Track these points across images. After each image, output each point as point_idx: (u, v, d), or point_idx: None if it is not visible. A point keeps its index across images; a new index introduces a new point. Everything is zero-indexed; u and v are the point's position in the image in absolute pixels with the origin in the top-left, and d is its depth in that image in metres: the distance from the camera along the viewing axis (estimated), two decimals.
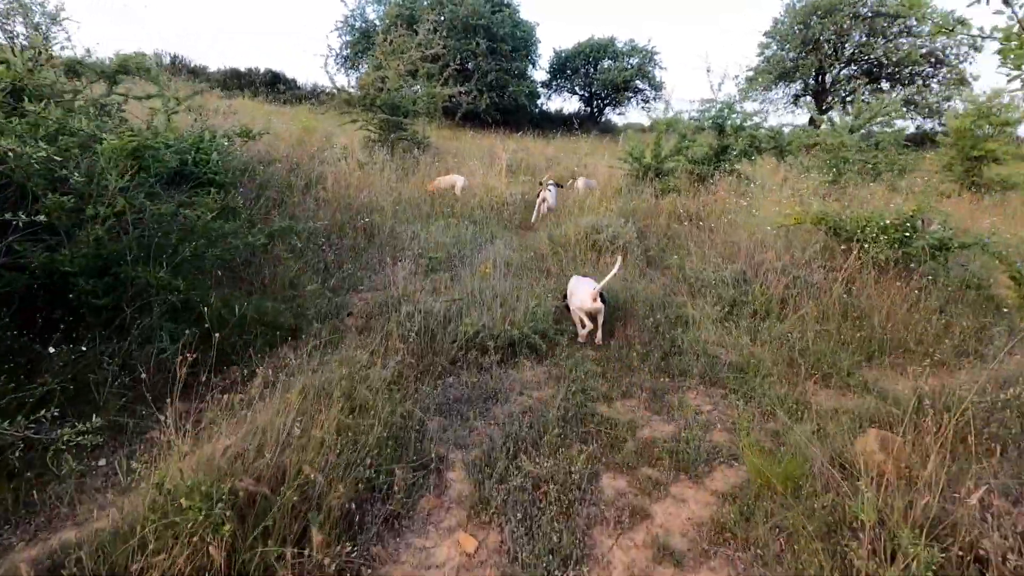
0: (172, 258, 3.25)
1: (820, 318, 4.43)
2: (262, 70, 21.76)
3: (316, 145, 9.58)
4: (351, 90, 10.57)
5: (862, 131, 9.79)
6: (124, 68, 6.21)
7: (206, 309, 3.38)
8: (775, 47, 21.72)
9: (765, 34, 21.91)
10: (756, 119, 9.04)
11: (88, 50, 6.44)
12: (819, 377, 3.74)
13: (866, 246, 4.97)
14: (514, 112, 20.90)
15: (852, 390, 3.64)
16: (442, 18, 17.96)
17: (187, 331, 3.22)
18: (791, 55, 21.01)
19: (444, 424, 3.05)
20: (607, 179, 9.04)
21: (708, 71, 9.33)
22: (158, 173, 4.09)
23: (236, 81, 20.68)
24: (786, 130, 9.70)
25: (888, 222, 4.98)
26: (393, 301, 4.44)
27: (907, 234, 4.94)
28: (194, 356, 2.91)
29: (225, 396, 2.65)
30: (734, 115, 9.24)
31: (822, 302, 4.56)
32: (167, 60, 22.36)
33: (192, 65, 22.59)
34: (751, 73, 22.62)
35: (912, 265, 4.92)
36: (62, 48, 6.03)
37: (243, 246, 3.55)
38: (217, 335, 3.01)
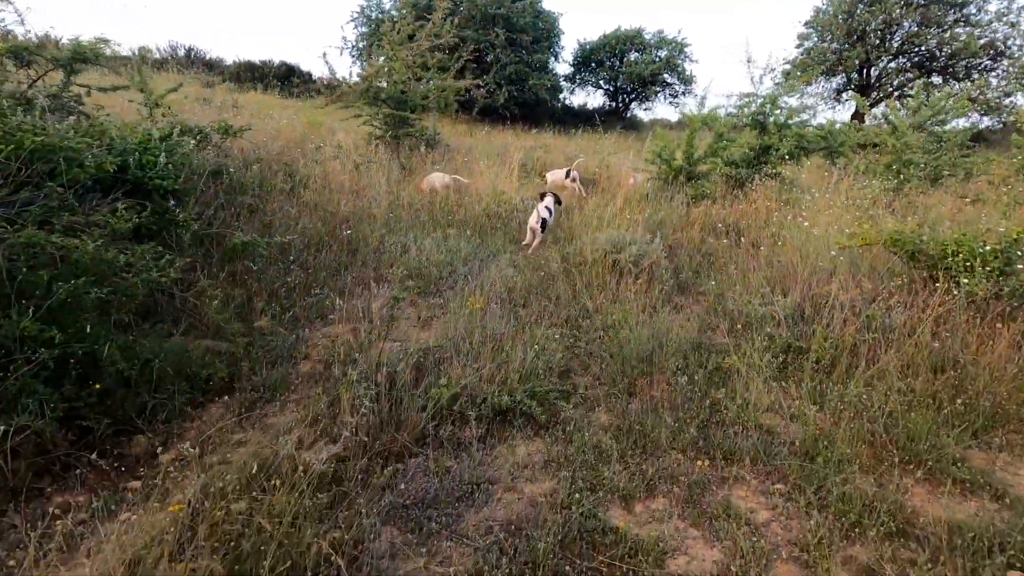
0: (46, 299, 2.44)
1: (904, 373, 3.44)
2: (276, 63, 21.19)
3: (314, 142, 8.82)
4: (354, 81, 9.75)
5: (925, 130, 8.59)
6: (81, 56, 5.47)
7: (94, 362, 2.59)
8: (816, 38, 20.26)
9: (805, 24, 20.47)
10: (804, 115, 7.94)
11: (47, 35, 5.74)
12: (916, 465, 2.77)
13: (959, 278, 3.94)
14: (534, 107, 19.89)
15: (966, 489, 2.66)
16: (460, 7, 17.05)
17: (68, 395, 2.42)
18: (833, 46, 19.54)
19: (392, 543, 2.17)
20: (630, 183, 8.05)
21: (749, 61, 8.25)
22: (74, 180, 3.32)
23: (249, 74, 20.11)
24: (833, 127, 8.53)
25: (988, 248, 3.94)
26: (363, 338, 3.59)
27: (1013, 263, 3.90)
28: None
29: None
30: (777, 111, 8.16)
31: (904, 352, 3.56)
32: (182, 53, 22.02)
33: (207, 58, 22.18)
34: (788, 66, 21.20)
35: (1017, 304, 3.89)
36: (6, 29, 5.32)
37: (143, 284, 2.71)
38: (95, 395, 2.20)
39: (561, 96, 23.01)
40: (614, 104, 25.77)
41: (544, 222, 5.96)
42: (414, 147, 10.04)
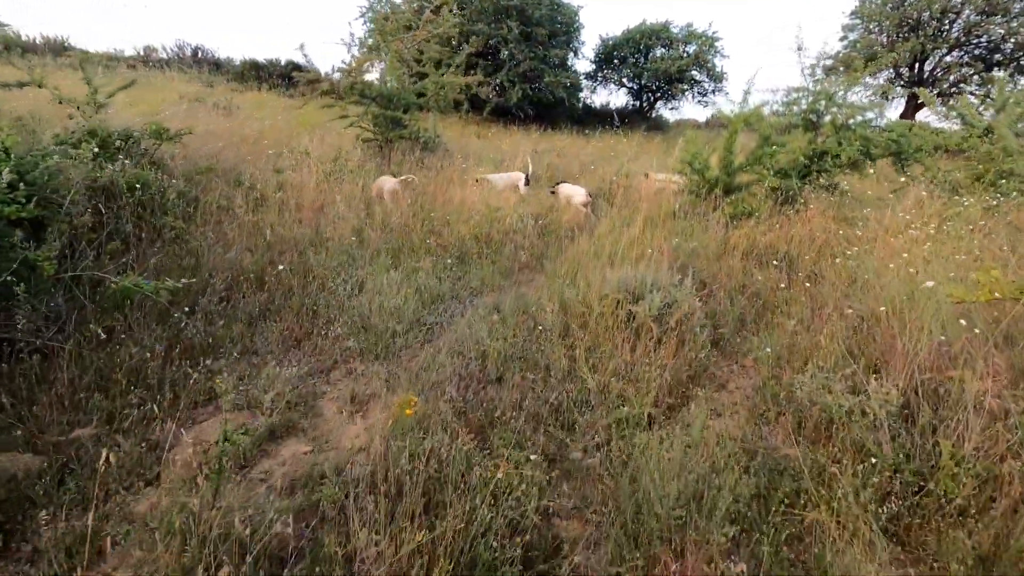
0: None
1: None
2: (283, 62, 20.27)
3: (289, 146, 7.69)
4: (335, 76, 8.60)
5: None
6: None
7: None
8: (862, 29, 18.46)
9: (851, 14, 18.67)
10: (869, 114, 6.49)
11: None
12: None
13: None
14: (552, 106, 18.53)
15: None
16: None
17: None
18: (882, 39, 17.74)
19: None
20: (653, 197, 6.71)
21: (799, 49, 6.86)
22: None
23: (254, 73, 19.24)
24: (905, 128, 7.01)
25: None
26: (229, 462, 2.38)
27: None
28: None
29: None
30: (834, 108, 6.74)
31: None
32: (188, 52, 21.39)
33: (213, 57, 21.50)
34: (830, 61, 19.42)
35: None
36: None
37: None
38: None
39: (581, 95, 21.61)
40: (638, 103, 24.27)
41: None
42: (408, 151, 8.87)
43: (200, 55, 21.61)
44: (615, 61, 23.10)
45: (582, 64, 22.72)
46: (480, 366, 3.25)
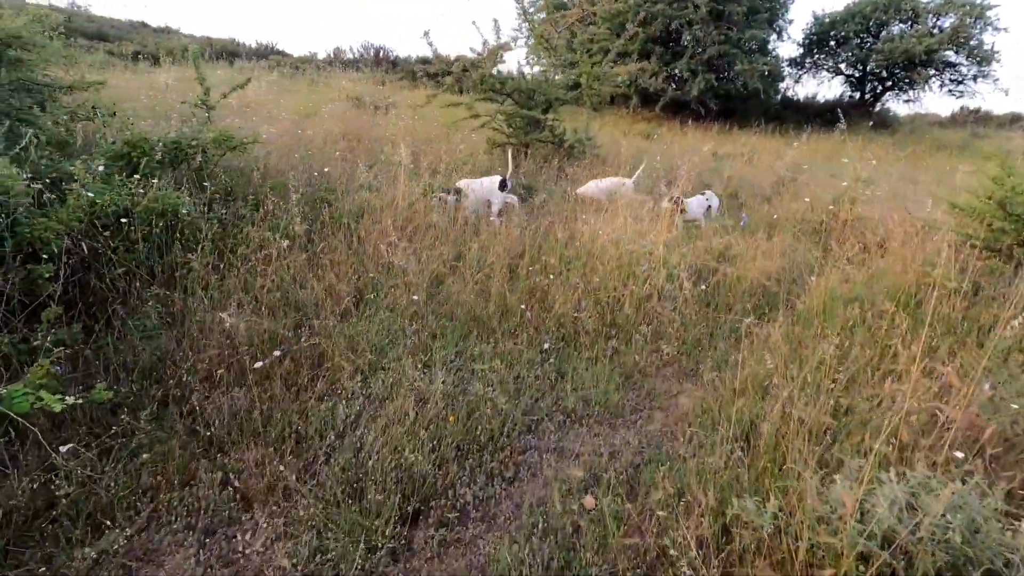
0: None
1: None
2: (453, 56, 20.07)
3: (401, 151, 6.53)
4: (461, 67, 7.26)
5: None
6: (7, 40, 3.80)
7: None
8: None
9: None
10: None
11: None
12: None
13: None
14: (744, 99, 15.28)
15: None
16: None
17: None
18: None
19: None
20: (905, 242, 4.07)
21: None
22: None
23: (423, 68, 19.35)
24: None
25: None
26: None
27: None
28: None
29: None
30: None
31: None
32: (372, 52, 22.49)
33: (393, 56, 22.39)
34: None
35: None
36: None
37: None
38: None
39: (781, 85, 17.83)
40: (858, 94, 19.47)
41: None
42: (546, 159, 7.24)
43: (381, 55, 22.53)
44: (831, 43, 18.72)
45: (785, 48, 18.78)
46: None
